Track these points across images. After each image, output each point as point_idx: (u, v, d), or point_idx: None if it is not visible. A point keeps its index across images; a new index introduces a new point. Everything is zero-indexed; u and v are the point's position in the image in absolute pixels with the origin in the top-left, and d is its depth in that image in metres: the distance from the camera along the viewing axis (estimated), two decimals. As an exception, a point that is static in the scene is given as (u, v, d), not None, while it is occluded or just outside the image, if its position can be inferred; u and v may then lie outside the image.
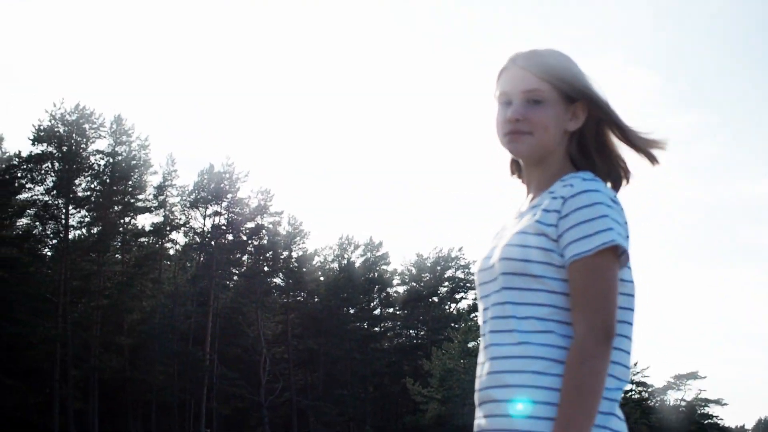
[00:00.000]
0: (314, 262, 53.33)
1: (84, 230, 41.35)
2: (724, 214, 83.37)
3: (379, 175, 78.45)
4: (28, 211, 39.29)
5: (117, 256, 44.78)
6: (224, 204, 46.22)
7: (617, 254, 1.69)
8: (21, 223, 40.34)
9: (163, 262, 45.58)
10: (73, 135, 39.93)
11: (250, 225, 47.68)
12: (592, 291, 1.65)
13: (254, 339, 46.11)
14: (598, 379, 1.61)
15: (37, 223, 40.05)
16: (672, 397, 63.32)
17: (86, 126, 40.55)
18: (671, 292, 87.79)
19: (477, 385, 1.79)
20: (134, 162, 42.41)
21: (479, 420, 1.78)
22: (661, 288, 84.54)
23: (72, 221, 39.96)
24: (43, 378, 36.94)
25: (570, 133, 1.85)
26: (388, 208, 78.07)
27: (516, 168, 1.97)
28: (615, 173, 1.87)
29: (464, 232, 75.88)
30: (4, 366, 34.57)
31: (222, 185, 45.86)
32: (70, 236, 39.97)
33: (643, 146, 1.86)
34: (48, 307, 37.14)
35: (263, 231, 48.10)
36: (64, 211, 39.46)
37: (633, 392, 65.77)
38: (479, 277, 1.86)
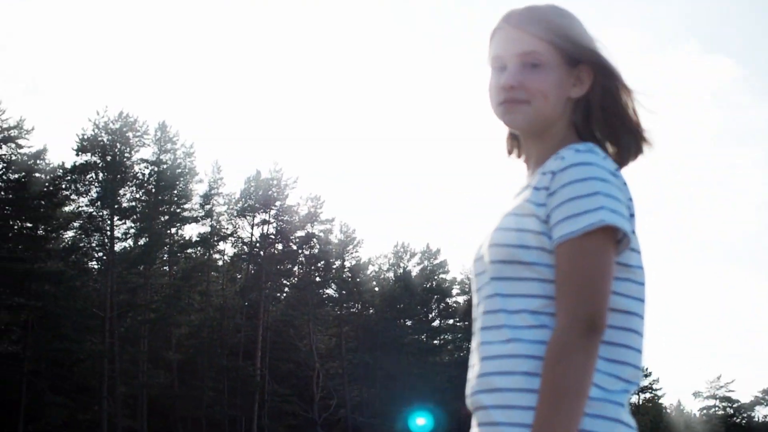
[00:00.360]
0: (368, 272, 53.43)
1: (130, 242, 42.17)
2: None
3: (435, 179, 78.28)
4: (73, 223, 40.23)
5: (164, 268, 45.56)
6: (273, 212, 46.63)
7: (613, 236, 1.55)
8: (67, 236, 41.36)
9: (211, 274, 46.15)
10: (117, 144, 40.75)
11: (300, 233, 48.00)
12: (576, 277, 1.51)
13: (306, 353, 46.32)
14: (578, 379, 1.46)
15: (83, 236, 40.96)
16: (761, 414, 61.49)
17: (130, 134, 41.35)
18: (758, 298, 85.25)
19: (467, 390, 1.67)
20: (179, 170, 43.10)
21: (473, 430, 1.67)
22: (746, 294, 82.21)
23: (117, 233, 40.79)
24: (91, 395, 37.71)
25: (574, 101, 1.71)
26: (446, 212, 77.81)
27: (514, 144, 1.83)
28: (627, 144, 1.73)
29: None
30: (52, 383, 35.42)
31: (270, 192, 46.27)
32: (116, 248, 40.78)
33: (636, 132, 1.72)
34: (94, 322, 37.93)
35: (314, 240, 48.36)
36: (109, 222, 40.28)
37: (717, 408, 64.05)
38: (473, 268, 1.74)
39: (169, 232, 43.85)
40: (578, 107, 1.71)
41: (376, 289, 53.47)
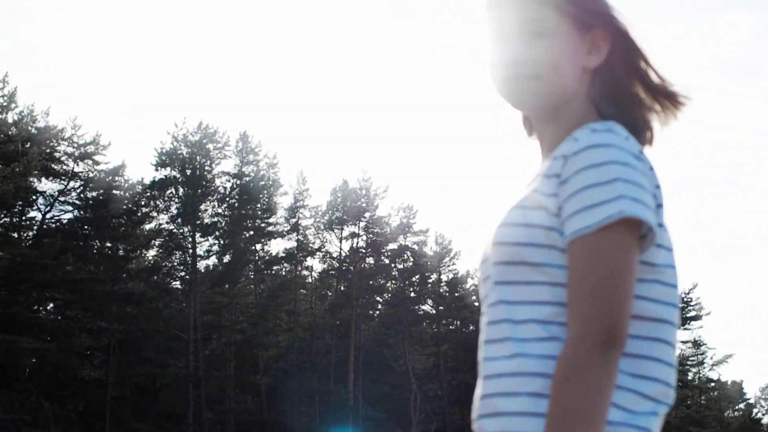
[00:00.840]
0: (467, 286, 53.02)
1: (213, 260, 43.10)
2: None
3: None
4: (154, 241, 41.37)
5: (250, 286, 46.39)
6: (362, 224, 46.87)
7: (636, 230, 1.39)
8: (148, 255, 42.59)
9: (299, 292, 46.72)
10: (197, 157, 41.71)
11: (393, 246, 48.09)
12: (591, 280, 1.37)
13: (402, 374, 46.34)
14: (593, 400, 1.32)
15: (164, 254, 42.05)
16: None
17: (210, 146, 42.30)
18: None
19: (472, 414, 1.55)
20: (263, 183, 43.79)
21: None
22: None
23: (200, 250, 41.72)
24: (176, 421, 38.67)
25: (591, 72, 1.57)
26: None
27: (531, 127, 1.72)
28: (648, 121, 1.59)
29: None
30: (135, 409, 36.53)
31: (359, 203, 46.55)
32: (199, 267, 41.71)
33: (665, 95, 1.57)
34: (178, 345, 38.92)
35: (408, 252, 48.38)
36: (190, 240, 41.25)
37: None
38: (480, 272, 1.62)
39: (253, 248, 44.58)
40: (597, 79, 1.58)
41: (476, 304, 53.07)
